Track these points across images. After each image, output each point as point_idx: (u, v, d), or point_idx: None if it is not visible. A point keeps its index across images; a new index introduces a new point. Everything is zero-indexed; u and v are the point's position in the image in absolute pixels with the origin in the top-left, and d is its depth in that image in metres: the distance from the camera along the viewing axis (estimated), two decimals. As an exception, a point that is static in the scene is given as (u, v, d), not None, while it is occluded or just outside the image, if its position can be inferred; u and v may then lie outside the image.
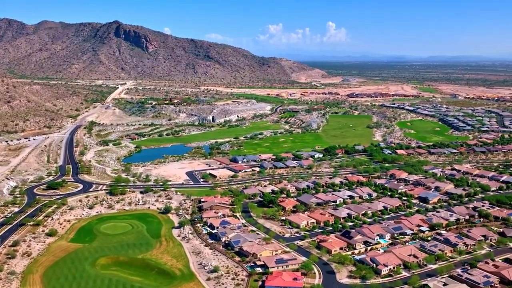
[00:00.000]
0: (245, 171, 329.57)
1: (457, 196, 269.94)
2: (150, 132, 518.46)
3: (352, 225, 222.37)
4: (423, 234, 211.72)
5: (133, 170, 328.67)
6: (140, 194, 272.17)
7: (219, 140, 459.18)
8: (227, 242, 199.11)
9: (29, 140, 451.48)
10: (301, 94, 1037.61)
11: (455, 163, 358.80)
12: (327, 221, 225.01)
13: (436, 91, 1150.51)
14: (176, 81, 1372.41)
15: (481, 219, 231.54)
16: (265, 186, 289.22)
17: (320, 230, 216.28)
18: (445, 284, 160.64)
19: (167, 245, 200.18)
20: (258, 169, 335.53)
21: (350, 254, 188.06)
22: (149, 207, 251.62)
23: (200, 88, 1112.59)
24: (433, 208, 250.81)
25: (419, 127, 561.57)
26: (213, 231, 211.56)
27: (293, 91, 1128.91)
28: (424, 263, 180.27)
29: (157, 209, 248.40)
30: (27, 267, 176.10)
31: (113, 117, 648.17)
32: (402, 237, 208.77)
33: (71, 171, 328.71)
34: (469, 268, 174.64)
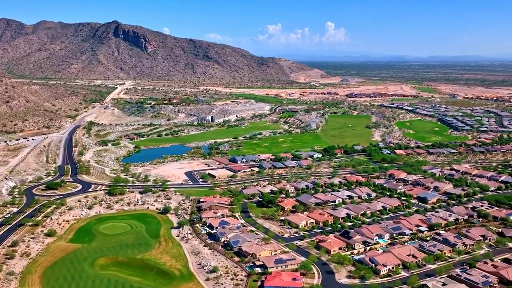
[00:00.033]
0: (244, 171, 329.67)
1: (456, 196, 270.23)
2: (149, 132, 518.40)
3: (351, 225, 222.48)
4: (422, 234, 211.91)
5: (132, 170, 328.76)
6: (139, 194, 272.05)
7: (218, 140, 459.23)
8: (226, 242, 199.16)
9: (28, 140, 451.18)
10: (300, 94, 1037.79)
11: (454, 163, 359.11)
12: (326, 221, 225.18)
13: (435, 91, 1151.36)
14: (175, 81, 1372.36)
15: (480, 219, 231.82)
16: (264, 186, 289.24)
17: (319, 230, 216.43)
18: (444, 284, 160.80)
19: (166, 245, 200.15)
20: (257, 169, 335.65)
21: (349, 254, 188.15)
22: (148, 207, 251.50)
23: (199, 88, 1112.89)
24: (432, 208, 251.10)
25: (418, 127, 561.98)
26: (212, 231, 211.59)
27: (292, 91, 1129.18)
28: (423, 263, 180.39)
29: (156, 209, 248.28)
30: (26, 267, 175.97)
31: (112, 117, 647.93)
32: (401, 237, 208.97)
33: (70, 171, 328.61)
34: (468, 268, 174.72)
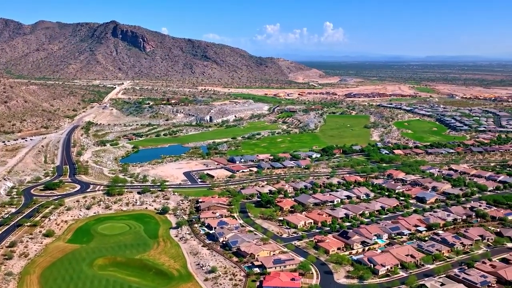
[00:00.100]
0: (242, 171, 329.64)
1: (454, 196, 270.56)
2: (148, 132, 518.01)
3: (349, 225, 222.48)
4: (420, 234, 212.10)
5: (130, 171, 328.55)
6: (138, 194, 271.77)
7: (216, 140, 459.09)
8: (224, 242, 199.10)
9: (26, 140, 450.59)
10: (299, 94, 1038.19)
11: (452, 163, 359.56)
12: (324, 221, 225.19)
13: (433, 91, 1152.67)
14: (173, 81, 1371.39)
15: (478, 219, 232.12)
16: (262, 186, 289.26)
17: (317, 230, 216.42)
18: (442, 284, 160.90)
19: (165, 245, 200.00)
20: (255, 169, 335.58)
21: (348, 254, 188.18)
22: (146, 208, 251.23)
23: (198, 88, 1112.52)
24: (431, 208, 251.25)
25: (416, 127, 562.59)
26: (210, 232, 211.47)
27: (290, 91, 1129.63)
28: (422, 263, 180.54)
29: (155, 209, 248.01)
30: (24, 268, 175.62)
31: (111, 117, 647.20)
32: (400, 237, 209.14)
33: (68, 172, 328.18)
34: (466, 268, 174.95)
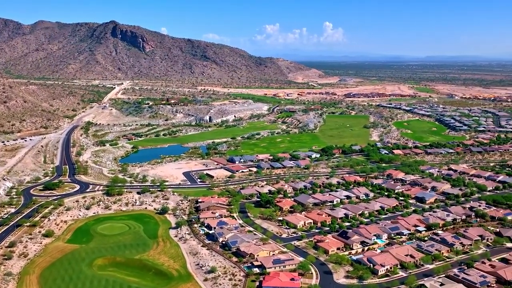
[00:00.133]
0: (242, 172, 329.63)
1: (453, 196, 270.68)
2: (147, 133, 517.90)
3: (349, 225, 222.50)
4: (420, 234, 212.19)
5: (130, 171, 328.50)
6: (137, 194, 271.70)
7: (216, 140, 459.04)
8: (224, 242, 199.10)
9: (25, 140, 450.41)
10: (298, 94, 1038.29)
11: (451, 163, 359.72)
12: (324, 221, 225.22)
13: (432, 91, 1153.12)
14: (173, 81, 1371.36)
15: (478, 219, 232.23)
16: (262, 187, 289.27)
17: (317, 231, 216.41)
18: (442, 284, 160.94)
19: (164, 245, 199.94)
20: (255, 169, 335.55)
21: (347, 254, 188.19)
22: (146, 208, 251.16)
23: (197, 88, 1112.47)
24: (430, 208, 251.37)
25: (415, 127, 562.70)
26: (210, 232, 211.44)
27: (290, 91, 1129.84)
28: (421, 263, 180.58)
29: (154, 209, 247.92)
30: (23, 268, 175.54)
31: (110, 117, 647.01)
32: (399, 237, 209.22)
33: (68, 172, 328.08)
34: (465, 268, 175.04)
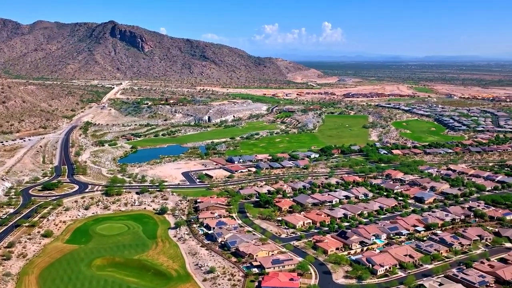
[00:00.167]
0: (241, 172, 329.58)
1: (452, 196, 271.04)
2: (146, 133, 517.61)
3: (348, 225, 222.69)
4: (418, 234, 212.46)
5: (129, 171, 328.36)
6: (136, 194, 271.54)
7: (215, 141, 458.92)
8: (223, 242, 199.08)
9: (24, 140, 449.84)
10: (297, 94, 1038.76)
11: (450, 163, 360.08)
12: (323, 221, 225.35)
13: (431, 91, 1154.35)
14: (172, 81, 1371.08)
15: (477, 219, 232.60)
16: (261, 187, 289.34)
17: (316, 231, 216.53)
18: (440, 284, 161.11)
19: (163, 246, 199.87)
20: (254, 170, 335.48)
21: (346, 255, 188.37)
22: (145, 208, 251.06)
23: (196, 88, 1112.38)
24: (429, 208, 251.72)
25: (414, 127, 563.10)
26: (209, 232, 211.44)
27: (289, 91, 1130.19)
28: (420, 263, 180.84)
29: (153, 209, 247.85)
30: (22, 268, 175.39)
31: (109, 117, 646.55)
32: (398, 237, 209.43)
33: (67, 172, 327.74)
34: (464, 268, 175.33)
